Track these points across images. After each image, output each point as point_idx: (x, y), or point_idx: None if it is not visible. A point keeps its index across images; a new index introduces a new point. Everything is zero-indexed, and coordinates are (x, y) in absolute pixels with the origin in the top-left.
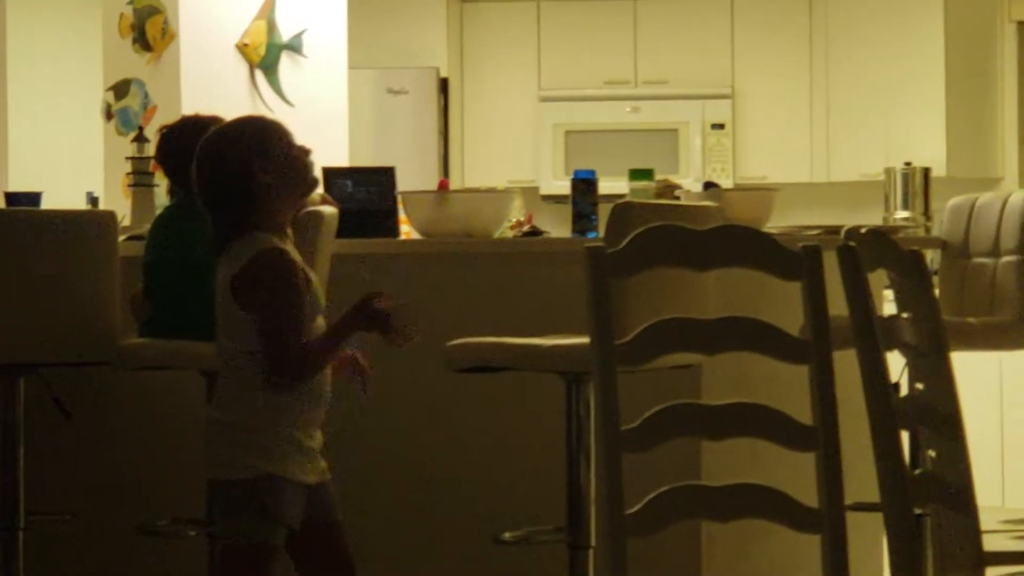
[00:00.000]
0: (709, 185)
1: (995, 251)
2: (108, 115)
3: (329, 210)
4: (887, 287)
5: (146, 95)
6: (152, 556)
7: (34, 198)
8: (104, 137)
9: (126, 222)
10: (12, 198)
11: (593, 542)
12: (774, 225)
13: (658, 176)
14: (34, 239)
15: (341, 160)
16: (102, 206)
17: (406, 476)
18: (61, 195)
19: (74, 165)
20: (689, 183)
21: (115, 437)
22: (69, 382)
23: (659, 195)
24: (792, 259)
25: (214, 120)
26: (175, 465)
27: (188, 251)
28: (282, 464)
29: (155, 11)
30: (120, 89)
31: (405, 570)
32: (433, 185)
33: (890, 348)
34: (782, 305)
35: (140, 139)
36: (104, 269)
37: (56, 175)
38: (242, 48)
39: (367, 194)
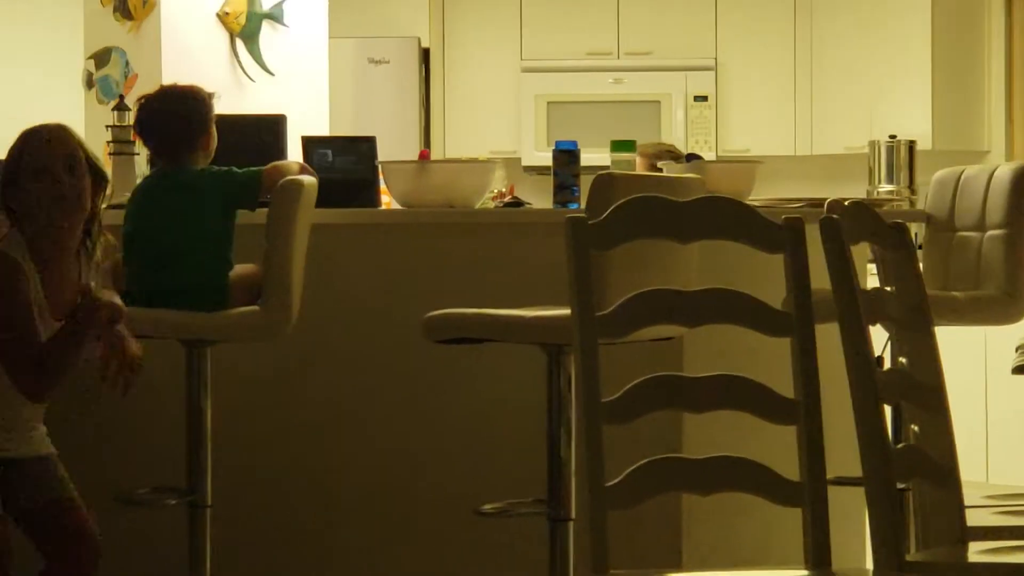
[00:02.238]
0: (692, 157)
1: (981, 225)
2: (89, 83)
3: (308, 180)
4: (870, 261)
5: (127, 64)
6: (132, 526)
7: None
8: (85, 105)
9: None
10: None
11: (574, 514)
12: (757, 198)
13: (655, 143)
14: None
15: (321, 129)
16: None
17: (385, 448)
18: None
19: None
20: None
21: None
22: None
23: (658, 157)
24: (775, 231)
25: (192, 90)
26: (154, 434)
27: (168, 221)
28: None
29: None
30: (101, 57)
31: (385, 543)
32: (414, 155)
33: (873, 322)
34: (764, 278)
35: (121, 108)
36: None
37: None
38: (223, 17)
39: (347, 164)
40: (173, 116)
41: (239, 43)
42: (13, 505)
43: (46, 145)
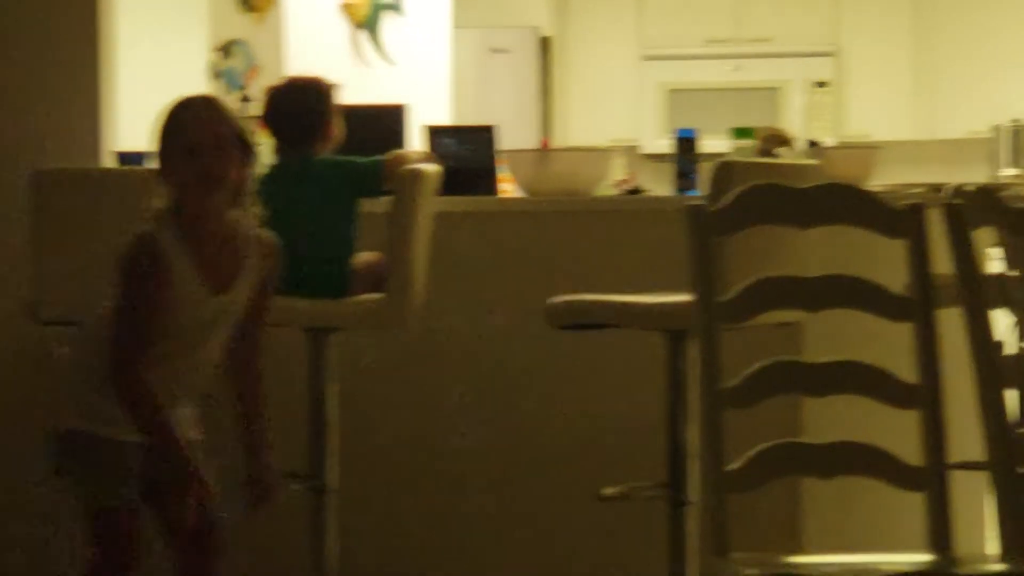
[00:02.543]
0: (811, 143)
1: None
2: (214, 75)
3: (431, 168)
4: (994, 245)
5: (250, 55)
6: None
7: (142, 157)
8: None
9: None
10: (123, 157)
11: (694, 498)
12: (877, 183)
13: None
14: (142, 196)
15: (444, 118)
16: None
17: (508, 433)
18: None
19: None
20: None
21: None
22: None
23: (766, 142)
24: (896, 217)
25: (316, 81)
26: (277, 420)
27: (292, 210)
28: None
29: None
30: (226, 50)
31: (507, 527)
32: (536, 143)
33: (996, 306)
34: (884, 264)
35: (245, 99)
36: None
37: None
38: (345, 7)
39: (468, 152)
40: (298, 107)
41: (361, 33)
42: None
43: (195, 122)
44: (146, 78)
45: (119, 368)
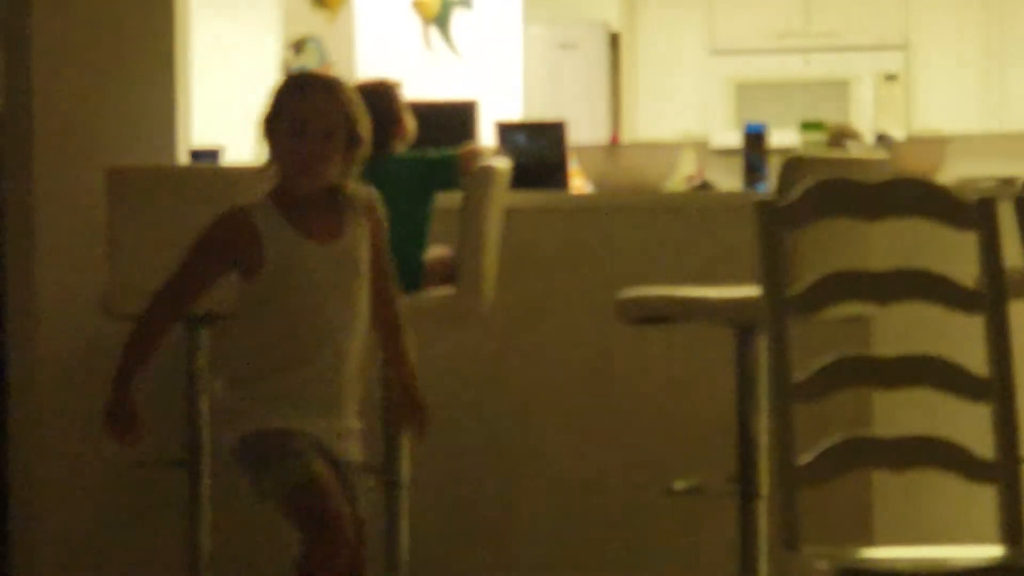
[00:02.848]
0: (881, 137)
1: None
2: (287, 72)
3: (502, 164)
4: None
5: (323, 53)
6: None
7: (215, 154)
8: None
9: None
10: (197, 155)
11: (764, 492)
12: (947, 177)
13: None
14: (216, 193)
15: (515, 114)
16: None
17: (577, 428)
18: (243, 150)
19: (254, 121)
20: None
21: None
22: None
23: (834, 138)
24: (966, 210)
25: (379, 85)
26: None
27: None
28: None
29: None
30: (298, 46)
31: (577, 521)
32: (605, 139)
33: None
34: (954, 257)
35: None
36: None
37: (237, 131)
38: (417, 5)
39: (539, 148)
40: (371, 107)
41: (432, 29)
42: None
43: (307, 103)
44: (219, 75)
45: (147, 309)
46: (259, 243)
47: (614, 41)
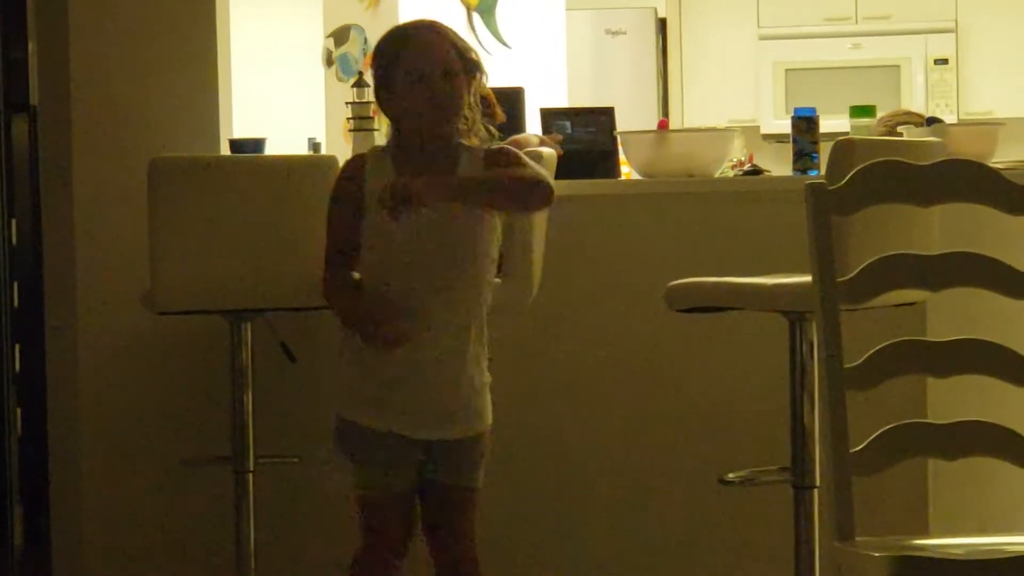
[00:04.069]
0: (932, 121)
1: None
2: (329, 61)
3: (548, 151)
4: None
5: (365, 41)
6: None
7: (258, 144)
8: (325, 83)
9: None
10: (236, 145)
11: (818, 482)
12: (1000, 160)
13: (891, 111)
14: (259, 185)
15: (560, 101)
16: (324, 151)
17: (628, 417)
18: (284, 141)
19: (296, 111)
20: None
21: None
22: (295, 327)
23: (895, 126)
24: (1018, 193)
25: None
26: None
27: None
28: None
29: None
30: (340, 35)
31: (629, 511)
32: (653, 125)
33: None
34: (1009, 241)
35: (360, 84)
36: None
37: (278, 121)
38: None
39: (586, 135)
40: None
41: (476, 17)
42: None
43: (423, 51)
44: (261, 66)
45: (324, 282)
46: (362, 189)
47: (662, 26)
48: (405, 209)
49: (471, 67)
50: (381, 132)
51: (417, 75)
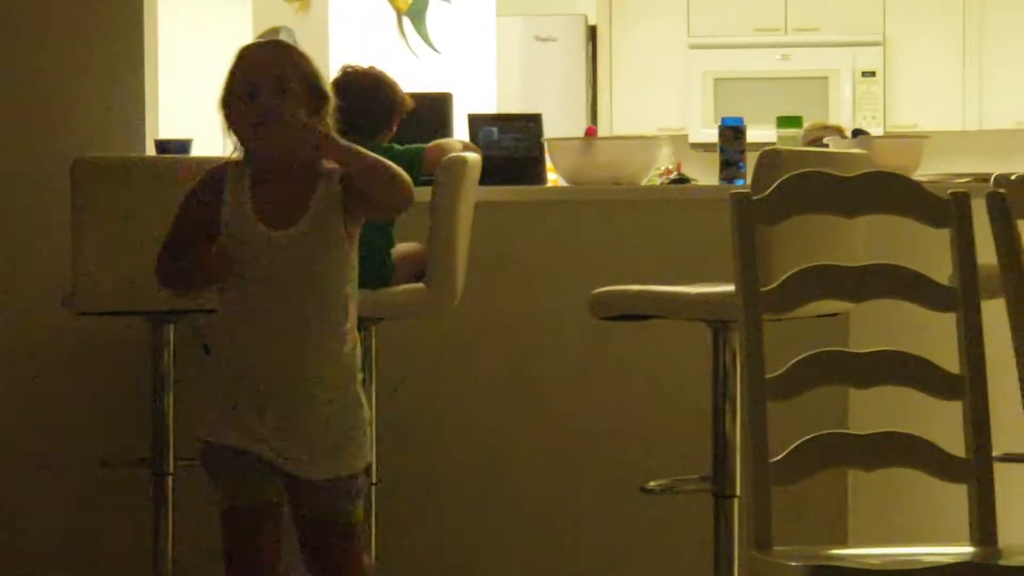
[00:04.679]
0: (858, 133)
1: None
2: None
3: (472, 157)
4: None
5: (295, 43)
6: None
7: (184, 145)
8: None
9: None
10: (163, 146)
11: (738, 491)
12: (924, 173)
13: (816, 122)
14: (184, 186)
15: (489, 107)
16: None
17: (550, 425)
18: (211, 142)
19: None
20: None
21: None
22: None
23: (818, 139)
24: (940, 206)
25: (371, 72)
26: None
27: None
28: None
29: None
30: (269, 37)
31: (550, 519)
32: (581, 132)
33: None
34: (930, 254)
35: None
36: None
37: (206, 123)
38: None
39: (513, 141)
40: (372, 97)
41: (406, 21)
42: None
43: (254, 67)
44: (189, 66)
45: (156, 268)
46: (219, 212)
47: (591, 34)
48: None
49: (319, 94)
50: None
51: (247, 89)
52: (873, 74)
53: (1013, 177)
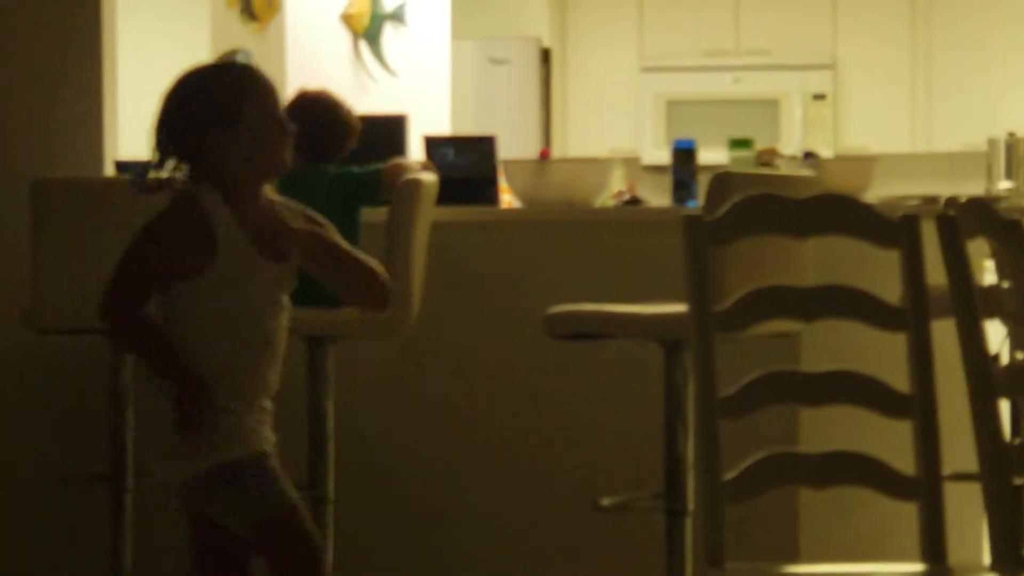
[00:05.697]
0: (808, 155)
1: None
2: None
3: (429, 178)
4: (989, 257)
5: (253, 64)
6: None
7: (143, 166)
8: None
9: None
10: (123, 166)
11: (691, 508)
12: (875, 195)
13: (759, 147)
14: (142, 206)
15: (443, 129)
16: None
17: (505, 443)
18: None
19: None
20: (789, 154)
21: None
22: None
23: (762, 162)
24: (890, 227)
25: (323, 95)
26: (276, 428)
27: None
28: None
29: None
30: (227, 58)
31: (503, 537)
32: (535, 154)
33: (990, 317)
34: (880, 275)
35: None
36: None
37: None
38: (346, 18)
39: (468, 162)
40: (327, 120)
41: (362, 43)
42: None
43: (272, 90)
44: (147, 85)
45: (114, 309)
46: (211, 243)
47: (545, 57)
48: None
49: (280, 126)
50: None
51: (273, 121)
52: (824, 97)
53: (962, 200)
